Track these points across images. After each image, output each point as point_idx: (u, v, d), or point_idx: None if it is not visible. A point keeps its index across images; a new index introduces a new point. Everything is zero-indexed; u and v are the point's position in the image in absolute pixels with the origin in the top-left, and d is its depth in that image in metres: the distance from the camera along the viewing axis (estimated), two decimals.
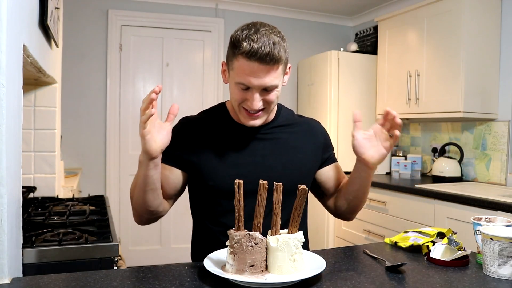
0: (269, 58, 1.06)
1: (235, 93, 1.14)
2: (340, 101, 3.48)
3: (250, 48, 1.05)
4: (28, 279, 0.97)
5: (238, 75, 1.10)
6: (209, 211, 1.25)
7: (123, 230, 3.65)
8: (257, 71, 1.07)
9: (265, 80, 1.09)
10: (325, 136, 1.36)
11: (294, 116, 1.34)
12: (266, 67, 1.07)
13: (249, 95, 1.12)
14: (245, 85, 1.10)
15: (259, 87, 1.10)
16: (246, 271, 0.89)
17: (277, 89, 1.13)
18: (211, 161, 1.21)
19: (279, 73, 1.11)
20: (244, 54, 1.06)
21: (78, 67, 3.51)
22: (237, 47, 1.08)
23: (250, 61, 1.06)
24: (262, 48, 1.05)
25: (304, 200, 0.93)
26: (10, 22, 0.96)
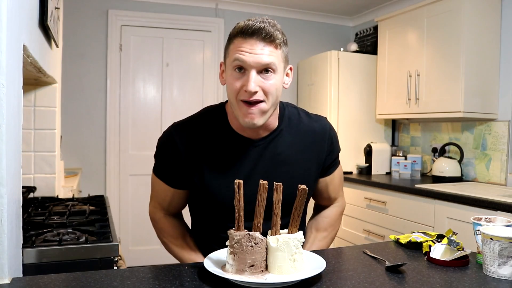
0: (264, 33, 1.03)
1: (231, 82, 1.07)
2: (340, 101, 3.48)
3: (244, 25, 1.05)
4: (28, 279, 0.97)
5: (233, 53, 1.06)
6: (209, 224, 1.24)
7: (123, 230, 3.65)
8: (252, 46, 1.03)
9: (260, 56, 1.03)
10: (331, 139, 1.27)
11: (299, 119, 1.24)
12: (262, 42, 1.04)
13: (245, 79, 1.05)
14: (239, 62, 1.04)
15: (255, 64, 1.03)
16: (246, 271, 0.89)
17: (275, 75, 1.06)
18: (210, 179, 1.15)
19: (277, 55, 1.06)
20: (239, 33, 1.05)
21: (78, 67, 3.51)
22: (232, 32, 1.08)
23: (245, 38, 1.04)
24: (257, 23, 1.04)
25: (304, 200, 0.92)
26: (10, 22, 0.96)
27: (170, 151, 1.16)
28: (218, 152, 1.16)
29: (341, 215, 1.39)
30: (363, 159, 3.52)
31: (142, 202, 3.71)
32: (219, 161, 1.16)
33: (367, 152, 3.47)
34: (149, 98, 3.76)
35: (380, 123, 3.64)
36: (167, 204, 1.25)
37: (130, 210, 3.68)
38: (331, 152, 1.28)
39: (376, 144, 3.49)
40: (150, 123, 3.74)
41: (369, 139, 3.58)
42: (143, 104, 3.75)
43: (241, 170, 1.15)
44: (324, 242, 1.32)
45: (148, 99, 3.76)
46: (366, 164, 3.47)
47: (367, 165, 3.45)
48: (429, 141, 3.36)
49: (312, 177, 1.25)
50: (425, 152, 3.38)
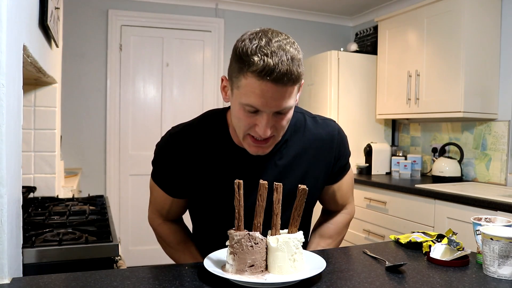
0: (286, 79, 0.87)
1: (240, 117, 0.95)
2: (340, 101, 3.48)
3: (264, 65, 0.86)
4: (28, 279, 0.97)
5: (246, 95, 0.91)
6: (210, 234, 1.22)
7: (123, 230, 3.65)
8: (271, 93, 0.88)
9: (279, 102, 0.90)
10: (339, 146, 1.19)
11: (305, 126, 1.14)
12: (283, 88, 0.89)
13: (258, 120, 0.93)
14: (253, 108, 0.92)
15: (271, 111, 0.92)
16: (246, 271, 0.89)
17: (290, 111, 0.96)
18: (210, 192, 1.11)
19: (295, 93, 0.94)
20: (256, 73, 0.87)
21: (78, 67, 3.51)
22: (246, 63, 0.88)
23: (262, 81, 0.87)
24: (278, 66, 0.86)
25: (304, 200, 0.92)
26: (10, 22, 0.96)
27: (168, 160, 1.11)
28: (218, 164, 1.09)
29: (348, 223, 1.33)
30: (363, 159, 3.52)
31: (142, 202, 3.70)
32: (220, 174, 1.09)
33: (367, 152, 3.47)
34: (149, 98, 3.76)
35: (380, 123, 3.64)
36: (165, 212, 1.22)
37: (130, 210, 3.68)
38: (339, 158, 1.20)
39: (376, 144, 3.49)
40: (150, 123, 3.74)
41: (369, 139, 3.58)
42: (143, 104, 3.75)
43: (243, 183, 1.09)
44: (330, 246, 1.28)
45: (148, 99, 3.76)
46: (366, 164, 3.47)
47: (367, 165, 3.45)
48: (429, 141, 3.36)
49: (318, 187, 1.19)
50: (425, 152, 3.38)
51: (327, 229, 1.29)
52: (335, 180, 1.22)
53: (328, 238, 1.28)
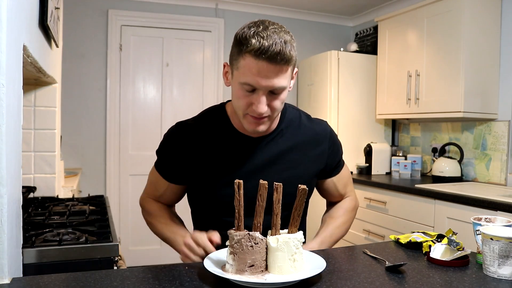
0: (279, 58, 0.98)
1: (239, 96, 1.06)
2: (340, 101, 3.48)
3: (259, 45, 0.97)
4: (28, 279, 0.97)
5: (244, 74, 1.01)
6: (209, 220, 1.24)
7: (123, 230, 3.65)
8: (265, 71, 0.99)
9: (273, 81, 1.00)
10: (332, 141, 1.28)
11: (299, 121, 1.25)
12: (276, 67, 0.99)
13: (255, 98, 1.03)
14: (251, 86, 1.02)
15: (266, 89, 1.02)
16: (246, 271, 0.89)
17: (284, 91, 1.06)
18: (211, 176, 1.17)
19: (288, 75, 1.04)
20: (253, 52, 0.98)
21: (78, 67, 3.51)
22: (244, 44, 1.00)
23: (258, 60, 0.98)
24: (272, 46, 0.97)
25: (304, 200, 0.92)
26: (10, 22, 0.96)
27: (172, 145, 1.20)
28: (219, 148, 1.18)
29: (355, 209, 1.39)
30: (363, 159, 3.52)
31: None
32: (220, 158, 1.17)
33: (367, 152, 3.47)
34: (149, 98, 3.76)
35: (380, 123, 3.64)
36: (159, 195, 1.30)
37: (130, 210, 3.68)
38: (335, 153, 1.30)
39: (376, 144, 3.49)
40: (150, 123, 3.74)
41: (369, 139, 3.58)
42: (143, 104, 3.75)
43: (241, 167, 1.17)
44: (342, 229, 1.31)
45: (148, 99, 3.76)
46: (366, 164, 3.47)
47: (367, 165, 3.45)
48: (429, 141, 3.36)
49: (311, 177, 1.26)
50: (425, 152, 3.38)
51: (336, 211, 1.35)
52: (333, 173, 1.32)
53: (338, 217, 1.32)
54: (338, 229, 1.30)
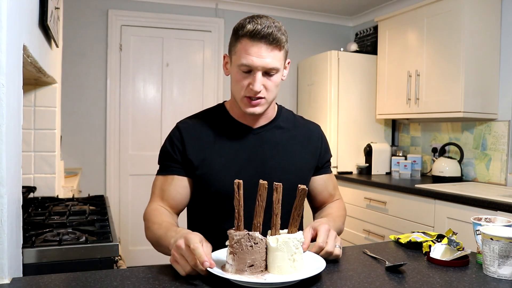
0: (272, 38, 1.09)
1: (237, 79, 1.15)
2: (340, 101, 3.48)
3: (253, 28, 1.09)
4: (28, 279, 0.97)
5: (241, 56, 1.12)
6: (209, 216, 1.24)
7: (123, 230, 3.65)
8: (260, 51, 1.10)
9: (267, 60, 1.10)
10: (323, 142, 1.36)
11: (294, 118, 1.35)
12: (269, 47, 1.10)
13: (252, 78, 1.13)
14: (247, 66, 1.11)
15: (261, 68, 1.11)
16: (245, 271, 0.89)
17: (277, 74, 1.15)
18: (213, 166, 1.21)
19: (280, 57, 1.14)
20: (248, 34, 1.10)
21: (78, 67, 3.51)
22: (240, 29, 1.12)
23: (253, 41, 1.09)
24: (265, 29, 1.08)
25: (304, 200, 0.93)
26: (10, 22, 0.96)
27: (175, 141, 1.23)
28: (220, 138, 1.23)
29: (344, 208, 1.40)
30: (363, 159, 3.52)
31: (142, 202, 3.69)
32: (220, 146, 1.22)
33: (367, 152, 3.47)
34: (149, 98, 3.76)
35: (380, 123, 3.64)
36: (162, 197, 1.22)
37: (130, 210, 3.68)
38: (325, 151, 1.36)
39: (376, 144, 3.49)
40: (150, 123, 3.74)
41: (369, 139, 3.58)
42: (143, 104, 3.75)
43: (240, 155, 1.22)
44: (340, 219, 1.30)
45: (148, 99, 3.76)
46: (366, 164, 3.47)
47: (367, 165, 3.45)
48: (429, 141, 3.36)
49: (307, 169, 1.30)
50: (425, 152, 3.38)
51: (328, 209, 1.35)
52: (325, 170, 1.37)
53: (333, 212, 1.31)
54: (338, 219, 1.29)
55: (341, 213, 1.34)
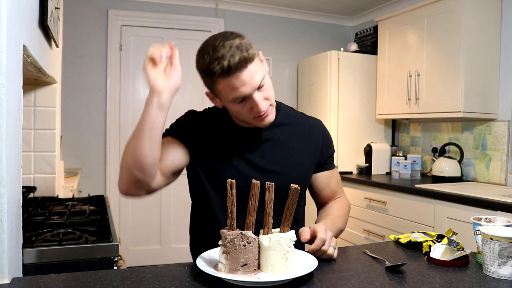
0: (243, 62, 1.04)
1: (238, 110, 1.13)
2: (340, 101, 3.48)
3: (222, 67, 1.03)
4: (28, 279, 0.97)
5: (228, 93, 1.08)
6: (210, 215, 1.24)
7: (123, 230, 3.65)
8: (242, 80, 1.05)
9: (253, 81, 1.07)
10: (325, 137, 1.33)
11: (294, 114, 1.32)
12: (246, 70, 1.05)
13: (252, 103, 1.10)
14: (240, 98, 1.08)
15: (253, 90, 1.08)
16: (239, 270, 0.89)
17: (266, 78, 1.11)
18: (212, 161, 1.21)
19: (258, 66, 1.09)
20: (221, 76, 1.05)
21: (78, 67, 3.51)
22: (210, 74, 1.07)
23: (230, 77, 1.05)
24: (231, 60, 1.03)
25: (296, 199, 0.93)
26: (10, 22, 0.96)
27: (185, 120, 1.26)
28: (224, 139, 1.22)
29: (348, 206, 1.40)
30: (363, 159, 3.52)
31: (142, 202, 3.70)
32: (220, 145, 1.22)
33: (367, 152, 3.47)
34: None
35: (380, 123, 3.64)
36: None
37: (130, 210, 3.68)
38: (327, 146, 1.33)
39: (376, 144, 3.49)
40: None
41: (369, 139, 3.58)
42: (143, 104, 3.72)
43: (240, 154, 1.21)
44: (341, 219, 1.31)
45: None
46: (366, 164, 3.47)
47: (367, 165, 3.45)
48: (429, 141, 3.36)
49: (308, 164, 1.29)
50: (425, 152, 3.38)
51: (330, 207, 1.35)
52: (327, 167, 1.35)
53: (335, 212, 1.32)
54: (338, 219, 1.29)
55: (342, 212, 1.33)
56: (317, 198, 1.40)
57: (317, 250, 1.04)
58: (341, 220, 1.31)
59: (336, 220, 1.27)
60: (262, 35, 4.01)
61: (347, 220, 1.36)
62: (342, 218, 1.32)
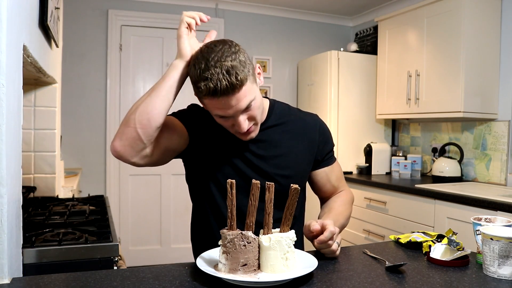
0: (230, 89, 1.01)
1: (221, 122, 1.12)
2: (340, 101, 3.48)
3: (208, 89, 1.00)
4: (28, 279, 0.97)
5: (212, 110, 1.08)
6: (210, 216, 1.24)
7: (123, 230, 3.65)
8: (227, 104, 1.03)
9: (238, 106, 1.04)
10: (322, 133, 1.31)
11: (289, 111, 1.29)
12: (233, 96, 1.02)
13: (234, 121, 1.08)
14: (224, 116, 1.08)
15: (238, 113, 1.06)
16: (239, 270, 0.89)
17: (255, 100, 1.08)
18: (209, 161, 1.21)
19: (247, 91, 1.05)
20: (207, 96, 1.03)
21: (78, 67, 3.51)
22: (197, 89, 1.04)
23: (215, 98, 1.02)
24: (218, 84, 0.99)
25: (296, 199, 0.93)
26: (10, 22, 0.96)
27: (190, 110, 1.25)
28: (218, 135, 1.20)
29: (351, 201, 1.40)
30: (363, 159, 3.52)
31: (142, 202, 3.71)
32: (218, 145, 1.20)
33: (367, 152, 3.47)
34: None
35: (380, 123, 3.64)
36: None
37: (130, 210, 3.68)
38: (325, 143, 1.31)
39: (376, 144, 3.49)
40: None
41: (369, 139, 3.58)
42: None
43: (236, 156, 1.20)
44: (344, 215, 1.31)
45: None
46: (366, 164, 3.47)
47: (367, 165, 3.45)
48: (429, 141, 3.36)
49: (304, 163, 1.27)
50: (425, 152, 3.38)
51: (332, 202, 1.34)
52: (326, 163, 1.33)
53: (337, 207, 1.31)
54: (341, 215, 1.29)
55: (344, 208, 1.33)
56: (318, 193, 1.39)
57: (325, 242, 1.04)
58: (344, 216, 1.31)
59: (339, 217, 1.27)
60: (262, 35, 4.01)
61: (350, 214, 1.36)
62: (345, 214, 1.32)
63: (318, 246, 1.07)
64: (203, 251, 1.03)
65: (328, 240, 1.05)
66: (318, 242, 1.05)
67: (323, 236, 1.04)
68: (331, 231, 1.05)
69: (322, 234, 1.05)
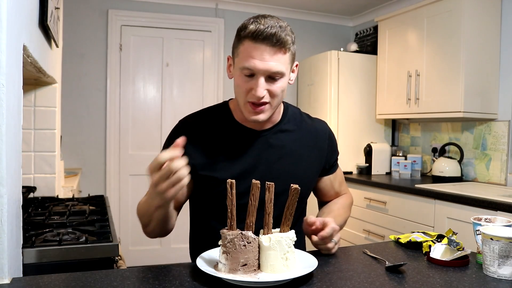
0: (275, 39, 1.03)
1: (239, 83, 1.09)
2: (340, 101, 3.48)
3: (256, 28, 1.03)
4: (28, 279, 0.97)
5: (243, 59, 1.06)
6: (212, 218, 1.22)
7: (123, 230, 3.65)
8: (262, 53, 1.03)
9: (270, 64, 1.04)
10: (331, 141, 1.31)
11: (301, 117, 1.28)
12: (272, 49, 1.04)
13: (254, 83, 1.06)
14: (249, 70, 1.05)
15: (264, 72, 1.05)
16: (239, 270, 0.89)
17: (283, 78, 1.08)
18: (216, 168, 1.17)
19: (285, 60, 1.07)
20: (250, 35, 1.04)
21: (78, 67, 3.51)
22: (242, 30, 1.06)
23: (255, 43, 1.03)
24: (268, 29, 1.02)
25: (296, 199, 0.93)
26: (10, 22, 0.96)
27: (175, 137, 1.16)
28: (223, 141, 1.18)
29: (350, 204, 1.41)
30: (363, 159, 3.52)
31: None
32: (224, 150, 1.18)
33: (367, 152, 3.47)
34: (149, 98, 3.76)
35: (380, 123, 3.64)
36: None
37: (130, 210, 3.68)
38: (333, 151, 1.32)
39: (376, 144, 3.49)
40: (150, 123, 3.74)
41: (369, 139, 3.58)
42: (143, 104, 3.74)
43: (245, 159, 1.18)
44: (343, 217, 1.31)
45: (148, 99, 3.76)
46: (366, 164, 3.47)
47: (367, 165, 3.45)
48: (429, 141, 3.36)
49: (313, 173, 1.28)
50: (425, 152, 3.38)
51: (332, 205, 1.35)
52: (331, 171, 1.34)
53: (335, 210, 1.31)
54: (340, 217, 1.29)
55: (343, 211, 1.34)
56: (320, 198, 1.40)
57: (326, 237, 1.07)
58: (342, 218, 1.32)
59: (339, 219, 1.27)
60: None
61: (348, 218, 1.37)
62: (344, 217, 1.33)
63: (317, 241, 1.09)
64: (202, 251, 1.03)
65: (329, 236, 1.07)
66: (320, 237, 1.07)
67: (324, 232, 1.07)
68: (332, 227, 1.07)
69: (324, 230, 1.07)
